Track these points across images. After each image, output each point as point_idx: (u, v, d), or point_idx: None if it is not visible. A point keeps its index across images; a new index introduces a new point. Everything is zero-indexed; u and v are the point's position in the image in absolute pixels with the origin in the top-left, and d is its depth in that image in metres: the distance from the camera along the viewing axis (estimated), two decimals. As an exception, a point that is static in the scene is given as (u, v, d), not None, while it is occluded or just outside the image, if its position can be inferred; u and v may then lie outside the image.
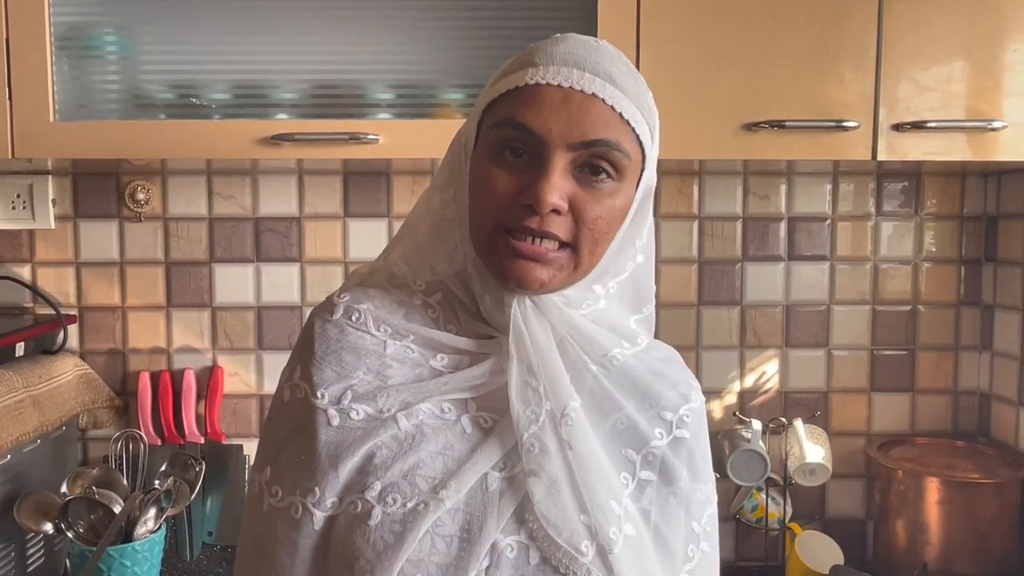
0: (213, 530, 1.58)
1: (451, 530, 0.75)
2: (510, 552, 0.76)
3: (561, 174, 0.76)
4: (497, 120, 0.78)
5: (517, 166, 0.77)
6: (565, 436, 0.78)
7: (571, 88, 0.76)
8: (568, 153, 0.76)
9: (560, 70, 0.77)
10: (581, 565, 0.75)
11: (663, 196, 1.63)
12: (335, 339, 0.82)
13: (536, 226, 0.76)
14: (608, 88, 0.77)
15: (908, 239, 1.66)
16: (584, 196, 0.77)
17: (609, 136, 0.76)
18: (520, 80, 0.78)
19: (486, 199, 0.78)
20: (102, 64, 1.31)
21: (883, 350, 1.67)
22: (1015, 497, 1.49)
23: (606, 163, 0.77)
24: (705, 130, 1.29)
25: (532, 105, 0.76)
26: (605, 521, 0.77)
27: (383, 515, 0.74)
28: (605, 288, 0.84)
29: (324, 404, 0.79)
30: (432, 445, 0.78)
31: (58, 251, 1.60)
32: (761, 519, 1.60)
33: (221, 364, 1.62)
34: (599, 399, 0.83)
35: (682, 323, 1.65)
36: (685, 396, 0.88)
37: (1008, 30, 1.29)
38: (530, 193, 0.75)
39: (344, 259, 1.62)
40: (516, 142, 0.77)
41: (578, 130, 0.76)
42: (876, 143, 1.29)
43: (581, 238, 0.78)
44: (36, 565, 1.43)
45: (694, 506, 0.85)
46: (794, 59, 1.28)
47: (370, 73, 1.33)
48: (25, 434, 1.34)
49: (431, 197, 0.87)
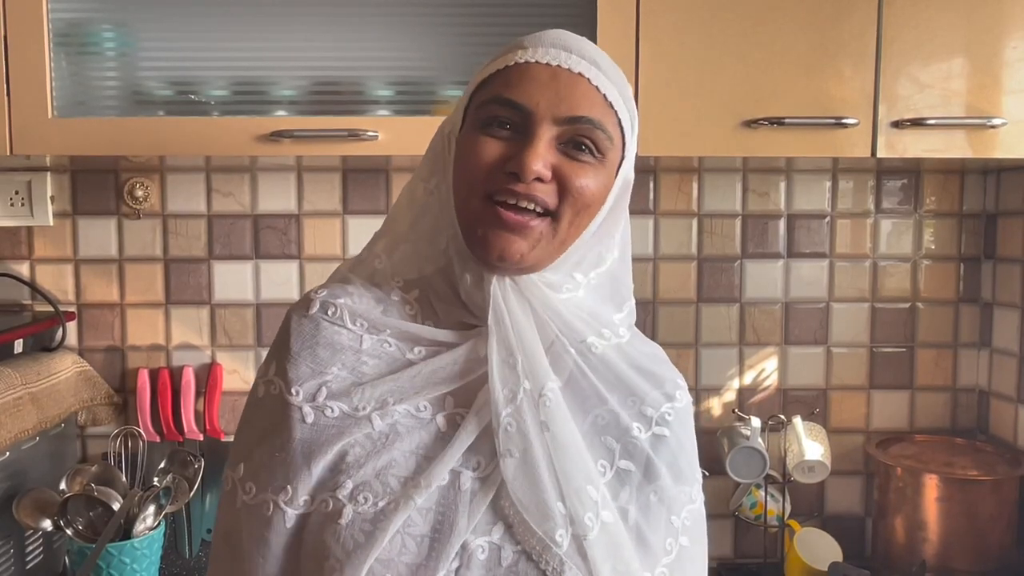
0: (212, 527, 1.58)
1: (422, 530, 0.75)
2: (481, 553, 0.75)
3: (546, 146, 0.77)
4: (485, 99, 0.80)
5: (504, 138, 0.79)
6: (543, 417, 0.78)
7: (559, 66, 0.78)
8: (554, 127, 0.78)
9: (548, 51, 0.79)
10: (554, 555, 0.75)
11: (662, 193, 1.63)
12: (310, 334, 0.82)
13: (522, 191, 0.77)
14: (594, 70, 0.79)
15: (907, 236, 1.66)
16: (568, 166, 0.78)
17: (593, 115, 0.78)
18: (509, 60, 0.79)
19: (472, 167, 0.79)
20: (100, 60, 1.31)
21: (882, 347, 1.67)
22: (1013, 494, 1.49)
23: (589, 141, 0.79)
24: (704, 127, 1.29)
25: (520, 81, 0.78)
26: (581, 506, 0.76)
27: (354, 514, 0.74)
28: (586, 277, 0.85)
29: (299, 401, 0.79)
30: (406, 444, 0.78)
31: (57, 248, 1.59)
32: (760, 516, 1.60)
33: (220, 361, 1.62)
34: (581, 389, 0.83)
35: (681, 320, 1.65)
36: (670, 395, 0.87)
37: (1008, 27, 1.29)
38: (515, 161, 0.77)
39: (343, 256, 1.61)
40: (504, 116, 0.78)
41: (564, 105, 0.77)
42: (875, 140, 1.29)
43: (563, 206, 0.78)
44: (35, 562, 1.43)
45: (675, 504, 0.84)
46: (794, 56, 1.28)
47: (369, 70, 1.32)
48: (24, 431, 1.34)
49: (414, 188, 0.88)
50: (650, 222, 1.63)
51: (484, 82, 0.81)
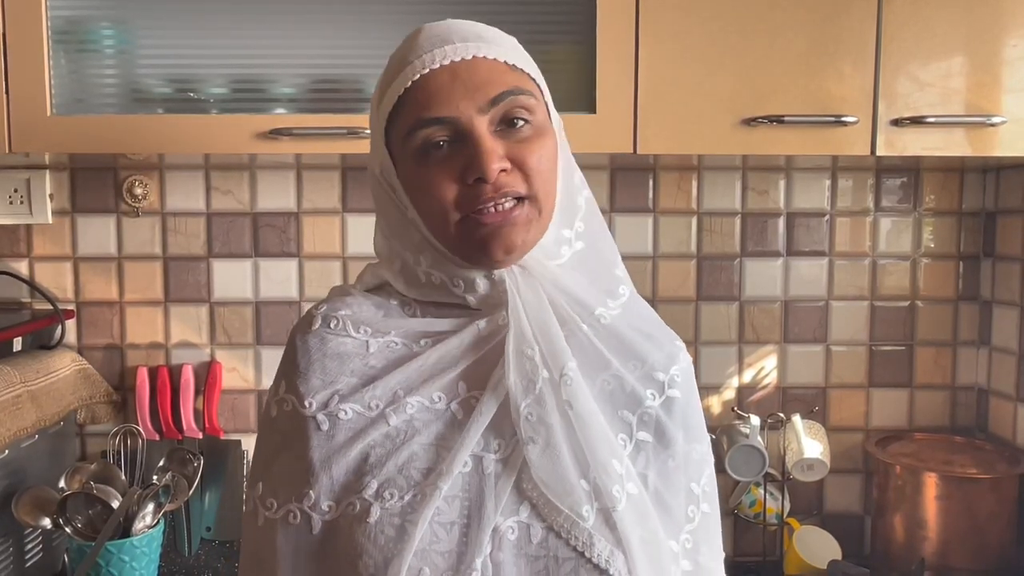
0: (211, 525, 1.58)
1: (450, 517, 0.75)
2: (511, 534, 0.76)
3: (490, 139, 0.77)
4: (407, 128, 0.79)
5: (446, 157, 0.78)
6: (565, 396, 0.78)
7: (452, 62, 0.78)
8: (483, 117, 0.78)
9: (434, 54, 0.78)
10: (582, 530, 0.76)
11: (662, 191, 1.63)
12: (316, 349, 0.82)
13: (493, 193, 0.77)
14: (481, 45, 0.79)
15: (907, 235, 1.66)
16: (517, 147, 0.78)
17: (507, 86, 0.78)
18: (405, 82, 0.79)
19: (436, 200, 0.78)
20: (99, 58, 1.31)
21: (881, 346, 1.67)
22: (1013, 492, 1.49)
23: (519, 109, 0.79)
24: (704, 125, 1.29)
25: (429, 96, 0.78)
26: (608, 479, 0.77)
27: (381, 511, 0.74)
28: (573, 230, 0.85)
29: (312, 412, 0.79)
30: (424, 437, 0.78)
31: (55, 246, 1.59)
32: (759, 514, 1.60)
33: (219, 359, 1.62)
34: (589, 357, 0.83)
35: (680, 318, 1.65)
36: (673, 356, 0.88)
37: (1007, 25, 1.29)
38: (472, 168, 0.76)
39: (342, 254, 1.61)
40: (435, 136, 0.78)
41: (480, 95, 0.77)
42: (875, 138, 1.29)
43: (534, 185, 0.79)
44: (34, 560, 1.43)
45: (692, 467, 0.85)
46: (793, 54, 1.28)
47: (369, 67, 1.32)
48: (23, 429, 1.34)
49: (389, 247, 0.87)
50: (649, 220, 1.63)
51: (392, 113, 0.80)
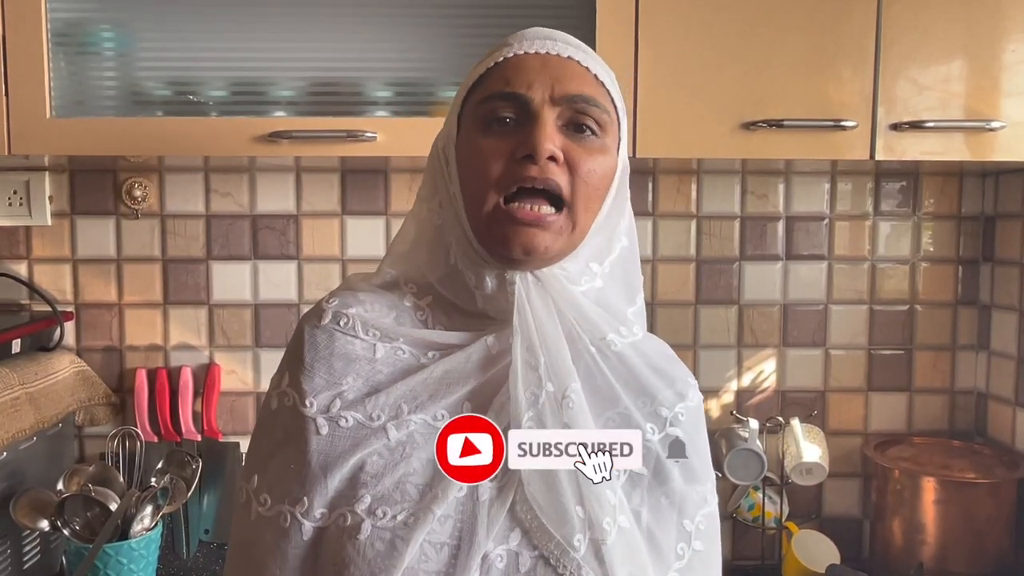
0: (210, 528, 1.58)
1: (441, 538, 0.75)
2: (500, 562, 0.75)
3: (552, 127, 0.78)
4: (480, 99, 0.81)
5: (506, 134, 0.79)
6: (565, 419, 0.78)
7: (547, 53, 0.80)
8: (554, 109, 0.79)
9: (534, 42, 0.81)
10: (572, 559, 0.75)
11: (661, 194, 1.63)
12: (324, 345, 0.82)
13: (537, 174, 0.77)
14: (581, 53, 0.82)
15: (906, 239, 1.66)
16: (575, 149, 0.79)
17: (588, 92, 0.80)
18: (497, 58, 0.81)
19: (481, 167, 0.79)
20: (99, 60, 1.31)
21: (880, 349, 1.68)
22: (1011, 497, 1.49)
23: (589, 119, 0.80)
24: (703, 129, 1.29)
25: (513, 74, 0.80)
26: (600, 510, 0.76)
27: (372, 528, 0.74)
28: (601, 267, 0.85)
29: (313, 413, 0.79)
30: (423, 453, 0.78)
31: (55, 248, 1.59)
32: (758, 518, 1.60)
33: (218, 361, 1.62)
34: (598, 388, 0.83)
35: (679, 322, 1.65)
36: (682, 394, 0.87)
37: (1006, 30, 1.29)
38: (527, 144, 0.77)
39: (342, 257, 1.61)
40: (503, 111, 0.79)
41: (559, 87, 0.79)
42: (874, 143, 1.29)
43: (576, 193, 0.79)
44: (32, 562, 1.43)
45: (688, 506, 0.84)
46: (793, 58, 1.28)
47: (368, 71, 1.32)
48: (21, 431, 1.34)
49: (419, 210, 0.88)
50: (649, 223, 1.63)
51: (475, 85, 0.82)
